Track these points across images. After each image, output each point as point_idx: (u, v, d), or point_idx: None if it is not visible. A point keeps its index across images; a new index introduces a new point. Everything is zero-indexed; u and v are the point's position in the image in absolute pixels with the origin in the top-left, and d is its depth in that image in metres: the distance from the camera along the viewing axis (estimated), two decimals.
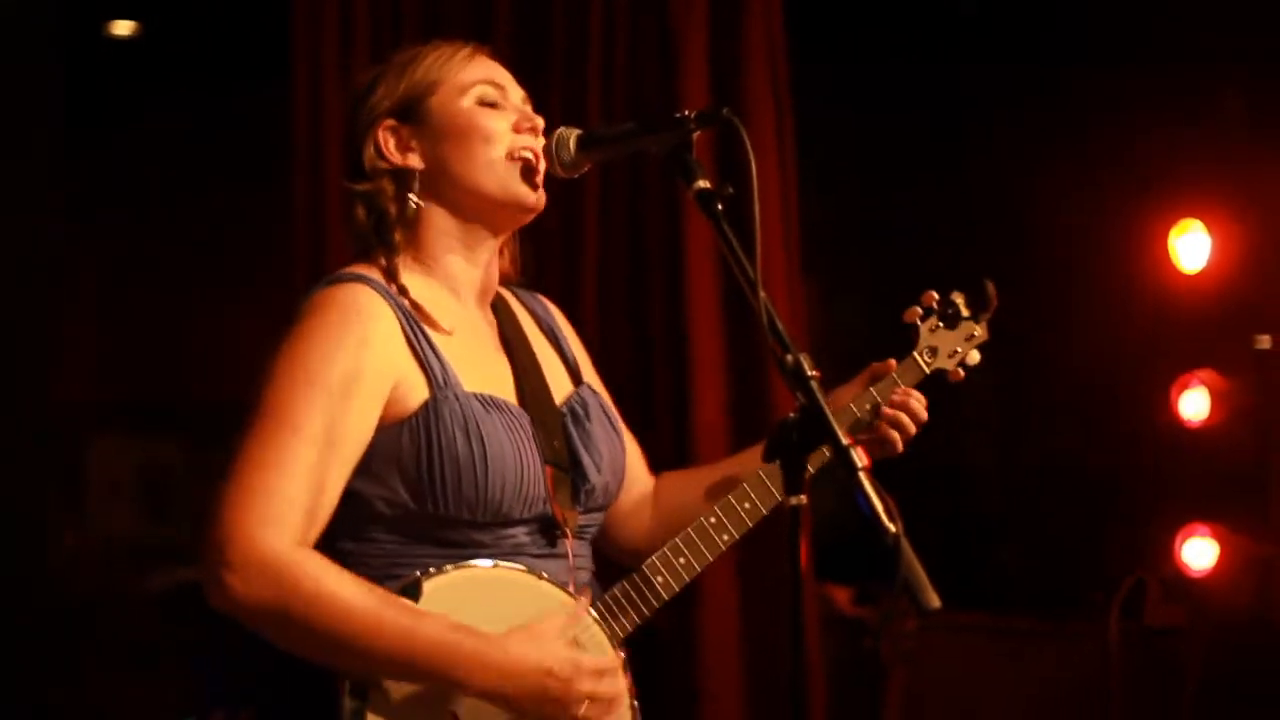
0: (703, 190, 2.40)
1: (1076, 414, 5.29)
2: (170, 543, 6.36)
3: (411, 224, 2.61)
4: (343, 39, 4.15)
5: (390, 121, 2.61)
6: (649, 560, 2.66)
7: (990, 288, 2.87)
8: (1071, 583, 5.17)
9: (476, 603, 2.48)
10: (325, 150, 4.07)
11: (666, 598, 2.65)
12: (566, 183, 2.73)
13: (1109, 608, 4.87)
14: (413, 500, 2.48)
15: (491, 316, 2.71)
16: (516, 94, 2.69)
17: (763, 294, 2.30)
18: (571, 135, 2.60)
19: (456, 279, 2.64)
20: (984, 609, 5.16)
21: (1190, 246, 4.83)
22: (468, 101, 2.62)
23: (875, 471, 2.20)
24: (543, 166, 2.63)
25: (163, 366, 6.36)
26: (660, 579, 2.65)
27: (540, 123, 2.66)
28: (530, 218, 2.68)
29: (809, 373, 2.29)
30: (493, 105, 2.64)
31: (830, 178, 4.80)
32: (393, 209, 2.60)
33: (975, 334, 2.92)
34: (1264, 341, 4.80)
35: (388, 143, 2.61)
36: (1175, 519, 4.87)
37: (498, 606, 2.49)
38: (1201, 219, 4.81)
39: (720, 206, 2.39)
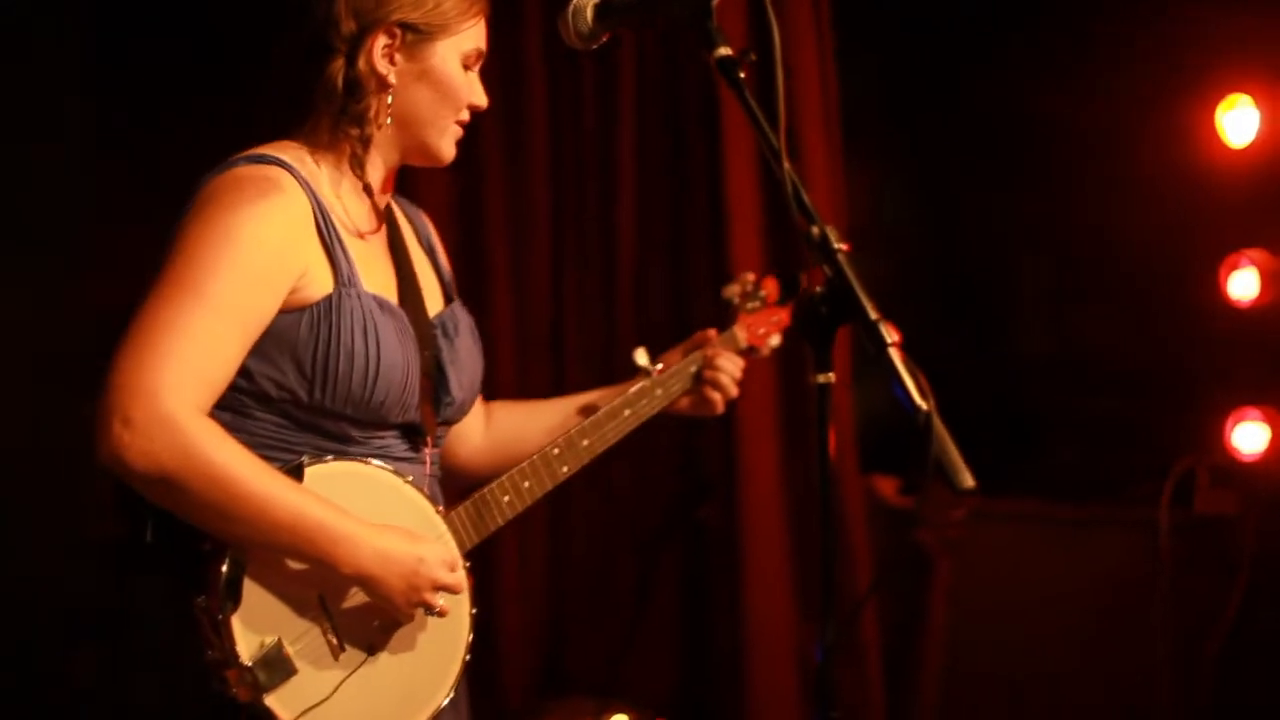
0: (724, 58, 2.36)
1: (1123, 298, 5.20)
2: None
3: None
4: None
5: (398, 31, 2.64)
6: (498, 481, 2.80)
7: (802, 279, 2.88)
8: (1121, 470, 5.10)
9: (351, 496, 2.56)
10: None
11: (511, 516, 2.80)
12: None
13: (1159, 495, 4.81)
14: (300, 387, 2.54)
15: (383, 222, 2.77)
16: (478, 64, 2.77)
17: (787, 164, 2.27)
18: (589, 4, 2.56)
19: (369, 183, 2.71)
20: (1032, 496, 5.11)
21: (1238, 122, 4.73)
22: (456, 63, 2.69)
23: (913, 356, 2.16)
24: None
25: None
26: (507, 499, 2.79)
27: (485, 102, 2.76)
28: None
29: (835, 245, 2.24)
30: (467, 69, 2.73)
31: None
32: (373, 106, 2.65)
33: (780, 319, 3.21)
34: None
35: (379, 47, 2.64)
36: (1225, 403, 4.80)
37: (369, 503, 2.59)
38: (1249, 93, 4.71)
39: (743, 74, 2.34)
